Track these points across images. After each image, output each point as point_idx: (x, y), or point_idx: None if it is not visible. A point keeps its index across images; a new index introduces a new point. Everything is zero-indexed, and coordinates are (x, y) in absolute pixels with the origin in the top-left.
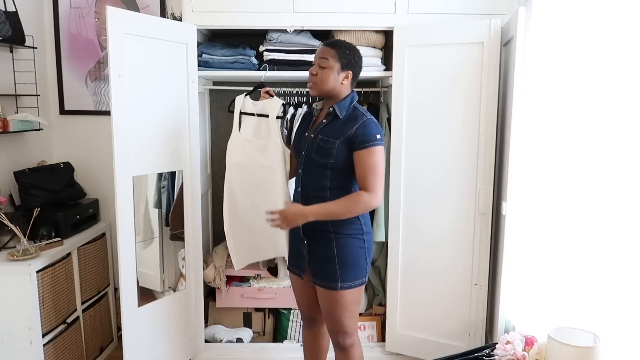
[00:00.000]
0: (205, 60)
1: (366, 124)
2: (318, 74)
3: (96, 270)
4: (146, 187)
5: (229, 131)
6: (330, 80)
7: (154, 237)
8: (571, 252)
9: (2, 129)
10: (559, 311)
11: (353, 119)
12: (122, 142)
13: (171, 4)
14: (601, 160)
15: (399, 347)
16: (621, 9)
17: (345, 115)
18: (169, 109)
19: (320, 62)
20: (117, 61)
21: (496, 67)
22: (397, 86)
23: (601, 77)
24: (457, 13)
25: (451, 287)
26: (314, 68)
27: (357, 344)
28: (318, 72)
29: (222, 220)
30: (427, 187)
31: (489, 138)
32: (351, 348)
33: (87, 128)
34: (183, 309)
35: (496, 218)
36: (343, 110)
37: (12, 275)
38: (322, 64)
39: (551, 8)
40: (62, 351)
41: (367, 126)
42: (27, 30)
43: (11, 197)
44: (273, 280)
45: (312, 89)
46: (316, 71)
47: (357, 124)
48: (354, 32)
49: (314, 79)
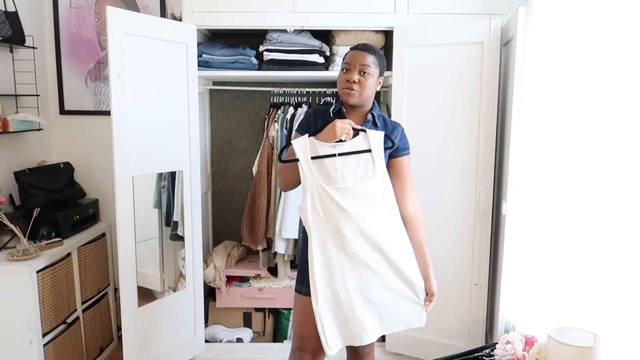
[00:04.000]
0: (205, 60)
1: (403, 130)
2: (362, 82)
3: (96, 270)
4: (146, 187)
5: (229, 131)
6: (372, 88)
7: (154, 237)
8: (571, 252)
9: (2, 129)
10: (559, 311)
11: (391, 126)
12: (122, 142)
13: (171, 4)
14: (601, 160)
15: (399, 347)
16: (621, 9)
17: (380, 122)
18: (169, 109)
19: (364, 68)
20: (117, 61)
21: (496, 67)
22: (397, 86)
23: (601, 77)
24: (457, 13)
25: (451, 287)
26: (354, 75)
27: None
28: (361, 79)
29: (222, 220)
30: (427, 187)
31: (489, 138)
32: (368, 356)
33: (87, 128)
34: (183, 309)
35: (496, 218)
36: (379, 119)
37: (12, 275)
38: (366, 70)
39: (551, 8)
40: (62, 351)
41: (404, 133)
42: (27, 30)
43: (11, 197)
44: (273, 280)
45: (353, 97)
46: (358, 79)
47: (399, 131)
48: (353, 32)
49: (356, 86)
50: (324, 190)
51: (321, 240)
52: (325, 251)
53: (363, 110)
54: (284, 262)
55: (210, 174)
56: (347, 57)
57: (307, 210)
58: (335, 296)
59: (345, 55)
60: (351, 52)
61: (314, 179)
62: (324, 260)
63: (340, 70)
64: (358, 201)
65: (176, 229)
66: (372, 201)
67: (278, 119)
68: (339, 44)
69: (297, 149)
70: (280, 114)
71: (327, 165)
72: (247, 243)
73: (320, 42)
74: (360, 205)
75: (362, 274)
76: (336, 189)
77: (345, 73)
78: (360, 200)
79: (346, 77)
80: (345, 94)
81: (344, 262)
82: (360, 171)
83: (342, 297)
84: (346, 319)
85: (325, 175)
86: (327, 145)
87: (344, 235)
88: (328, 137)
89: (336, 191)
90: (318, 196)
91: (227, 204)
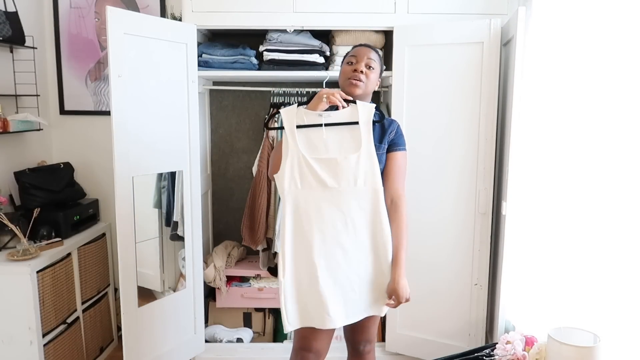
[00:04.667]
0: (205, 60)
1: (400, 127)
2: (367, 74)
3: (96, 270)
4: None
5: (229, 131)
6: (374, 83)
7: (154, 237)
8: (571, 252)
9: (2, 129)
10: (559, 311)
11: (388, 122)
12: (122, 142)
13: (171, 4)
14: (601, 160)
15: (399, 347)
16: (621, 9)
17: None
18: (169, 109)
19: (370, 62)
20: (117, 61)
21: (496, 67)
22: (397, 86)
23: (601, 77)
24: (457, 13)
25: (451, 287)
26: (361, 66)
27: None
28: (367, 72)
29: (222, 220)
30: (427, 187)
31: (489, 138)
32: (368, 355)
33: (87, 128)
34: (183, 309)
35: (496, 218)
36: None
37: (12, 275)
38: (372, 64)
39: (551, 8)
40: (62, 351)
41: (401, 129)
42: (27, 30)
43: (11, 197)
44: (273, 280)
45: (359, 87)
46: (364, 70)
47: (395, 127)
48: (353, 32)
49: (363, 77)
50: (305, 160)
51: (295, 212)
52: (299, 224)
53: None
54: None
55: (210, 174)
56: (353, 51)
57: (284, 179)
58: (303, 274)
59: (350, 50)
60: (356, 47)
61: (296, 147)
62: (296, 234)
63: (345, 64)
64: (339, 175)
65: (176, 229)
66: (353, 177)
67: (278, 119)
68: (339, 44)
69: (284, 117)
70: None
71: (312, 135)
72: (247, 243)
73: (320, 42)
74: (340, 179)
75: (332, 254)
76: (318, 160)
77: (351, 65)
78: (341, 174)
79: (353, 67)
80: (351, 84)
81: (315, 238)
82: (345, 144)
83: (310, 275)
84: (311, 298)
85: (309, 144)
86: (314, 115)
87: (320, 210)
88: (315, 103)
89: (317, 162)
90: (298, 165)
91: (227, 204)
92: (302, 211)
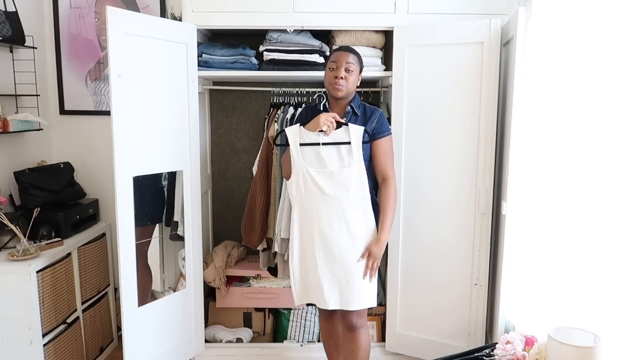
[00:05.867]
0: (205, 60)
1: (382, 115)
2: (347, 77)
3: (96, 270)
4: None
5: (229, 131)
6: (355, 82)
7: (154, 237)
8: (571, 252)
9: (2, 129)
10: (559, 311)
11: (370, 113)
12: (122, 142)
13: (171, 4)
14: (601, 160)
15: (399, 347)
16: (621, 9)
17: (360, 111)
18: (169, 109)
19: (349, 66)
20: (117, 61)
21: (496, 67)
22: (397, 86)
23: (601, 77)
24: (457, 13)
25: (451, 287)
26: (341, 72)
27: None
28: (346, 75)
29: (222, 220)
30: (427, 186)
31: (489, 138)
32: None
33: (87, 128)
34: (183, 309)
35: (496, 218)
36: (359, 108)
37: (12, 275)
38: (350, 68)
39: (551, 8)
40: (62, 351)
41: (383, 117)
42: (27, 30)
43: (11, 197)
44: (273, 280)
45: (341, 90)
46: (344, 75)
47: (376, 117)
48: (354, 32)
49: (342, 82)
50: (308, 172)
51: (302, 213)
52: (304, 223)
53: (344, 103)
54: (284, 262)
55: (210, 174)
56: (333, 57)
57: (292, 186)
58: (306, 260)
59: (330, 55)
60: (336, 52)
61: (301, 162)
62: (302, 230)
63: (327, 69)
64: (335, 184)
65: (176, 229)
66: (347, 186)
67: (278, 119)
68: (339, 44)
69: (289, 135)
70: (280, 114)
71: (312, 152)
72: (247, 243)
73: (320, 42)
74: (336, 188)
75: (329, 248)
76: (318, 172)
77: (332, 71)
78: (337, 184)
79: (334, 74)
80: (333, 89)
81: (316, 233)
82: (340, 159)
83: (311, 262)
84: (311, 280)
85: (310, 159)
86: (313, 134)
87: (319, 212)
88: (313, 127)
89: (318, 174)
90: (302, 177)
91: (227, 204)
92: (306, 213)
